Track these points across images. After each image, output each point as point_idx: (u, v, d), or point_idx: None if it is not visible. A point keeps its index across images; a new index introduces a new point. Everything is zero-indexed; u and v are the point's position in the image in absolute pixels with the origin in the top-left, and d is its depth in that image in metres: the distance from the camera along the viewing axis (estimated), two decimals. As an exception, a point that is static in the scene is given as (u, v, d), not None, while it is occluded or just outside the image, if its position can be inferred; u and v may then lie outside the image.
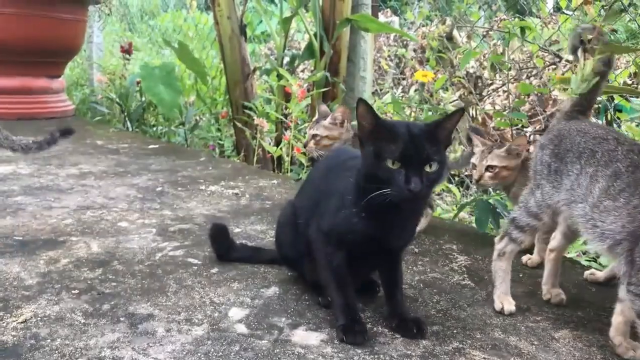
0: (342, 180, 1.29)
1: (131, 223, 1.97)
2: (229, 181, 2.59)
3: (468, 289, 1.55)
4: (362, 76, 3.94)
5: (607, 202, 1.15)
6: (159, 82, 3.44)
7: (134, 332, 1.24)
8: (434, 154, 1.16)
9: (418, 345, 1.24)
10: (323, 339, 1.25)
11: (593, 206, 1.19)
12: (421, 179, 1.14)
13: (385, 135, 1.17)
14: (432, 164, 1.16)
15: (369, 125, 1.18)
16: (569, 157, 1.29)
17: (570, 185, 1.26)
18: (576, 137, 1.30)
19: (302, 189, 1.51)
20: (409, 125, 1.19)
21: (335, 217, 1.27)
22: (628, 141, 1.23)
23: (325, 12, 3.67)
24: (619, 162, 1.17)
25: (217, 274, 1.57)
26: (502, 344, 1.26)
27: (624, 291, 1.15)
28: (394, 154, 1.15)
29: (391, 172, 1.15)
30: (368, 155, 1.19)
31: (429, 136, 1.17)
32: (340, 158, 1.41)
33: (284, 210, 1.52)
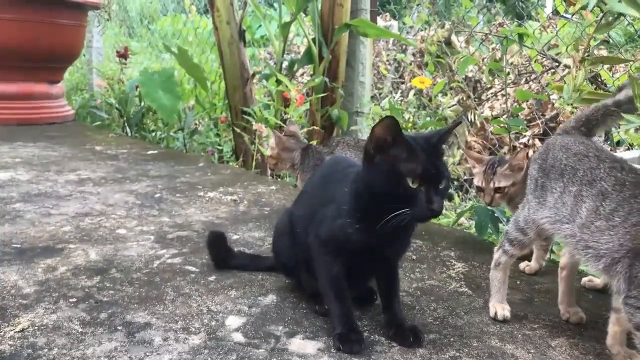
0: (339, 189, 1.29)
1: (129, 230, 1.97)
2: (228, 187, 2.59)
3: (465, 297, 1.55)
4: (361, 81, 3.95)
5: (599, 223, 1.14)
6: (159, 88, 3.44)
7: (131, 341, 1.25)
8: (445, 169, 1.16)
9: (415, 354, 1.24)
10: (320, 347, 1.25)
11: (582, 227, 1.17)
12: (441, 197, 1.14)
13: (403, 152, 1.14)
14: (444, 180, 1.16)
15: (388, 140, 1.14)
16: (552, 174, 1.28)
17: (553, 203, 1.25)
18: (559, 153, 1.28)
19: (300, 198, 1.51)
20: (422, 138, 1.18)
21: (332, 226, 1.27)
22: (610, 157, 1.21)
23: (324, 17, 3.68)
24: (604, 181, 1.16)
25: (214, 282, 1.57)
26: (498, 352, 1.26)
27: (619, 301, 1.15)
28: (416, 173, 1.12)
29: (411, 192, 1.13)
30: (380, 172, 1.16)
31: (437, 149, 1.18)
32: (338, 167, 1.41)
33: (281, 218, 1.53)
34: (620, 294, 1.11)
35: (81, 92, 6.03)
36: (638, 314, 1.07)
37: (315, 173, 1.59)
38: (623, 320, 1.17)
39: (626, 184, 1.14)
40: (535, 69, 3.44)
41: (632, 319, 1.08)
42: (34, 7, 3.86)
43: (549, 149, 1.33)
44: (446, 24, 4.26)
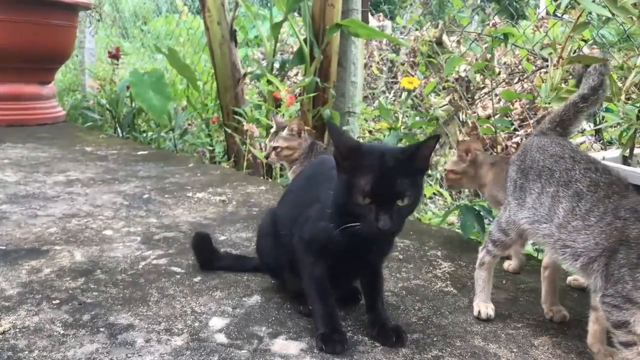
0: (324, 190, 1.28)
1: (116, 231, 1.96)
2: (217, 188, 2.58)
3: (450, 296, 1.55)
4: (352, 81, 3.95)
5: (576, 223, 1.15)
6: (149, 88, 3.44)
7: (113, 343, 1.24)
8: (406, 187, 1.12)
9: (397, 353, 1.24)
10: (303, 348, 1.25)
11: (559, 227, 1.18)
12: (391, 216, 1.11)
13: (356, 165, 1.13)
14: (405, 198, 1.13)
15: (342, 149, 1.15)
16: (530, 175, 1.29)
17: (532, 203, 1.26)
18: (536, 154, 1.29)
19: (284, 198, 1.51)
20: (383, 154, 1.14)
21: (315, 227, 1.27)
22: (584, 158, 1.22)
23: (315, 17, 3.68)
24: (579, 182, 1.18)
25: (199, 283, 1.57)
26: (481, 351, 1.26)
27: (597, 300, 1.16)
28: (364, 189, 1.11)
29: (360, 207, 1.12)
30: (339, 183, 1.17)
31: (404, 166, 1.13)
32: (323, 168, 1.39)
33: (264, 219, 1.52)
34: (598, 292, 1.12)
35: (73, 93, 6.01)
36: (615, 312, 1.07)
37: (300, 173, 1.59)
38: (602, 318, 1.18)
39: (600, 185, 1.15)
40: (526, 69, 3.44)
41: (609, 317, 1.09)
42: (24, 7, 3.84)
43: (527, 150, 1.33)
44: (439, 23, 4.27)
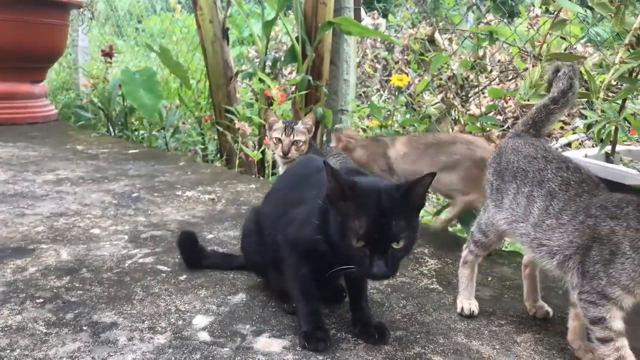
0: (309, 193, 1.26)
1: (103, 230, 1.96)
2: (207, 186, 2.58)
3: (435, 293, 1.55)
4: (345, 79, 3.95)
5: (550, 221, 1.17)
6: (140, 87, 3.43)
7: (95, 342, 1.24)
8: (402, 229, 1.08)
9: (380, 351, 1.24)
10: (286, 345, 1.25)
11: (535, 226, 1.20)
12: (386, 261, 1.07)
13: (351, 205, 1.09)
14: (400, 241, 1.09)
15: (336, 188, 1.11)
16: (506, 176, 1.30)
17: (509, 204, 1.27)
18: (510, 156, 1.31)
19: (269, 197, 1.51)
20: (378, 193, 1.09)
21: (300, 233, 1.26)
22: (556, 158, 1.24)
23: (307, 15, 3.67)
24: (551, 181, 1.19)
25: (185, 281, 1.57)
26: (464, 348, 1.27)
27: (575, 298, 1.17)
28: (358, 233, 1.07)
29: (354, 251, 1.08)
30: (334, 224, 1.12)
31: (399, 205, 1.09)
32: (308, 169, 1.38)
33: (248, 217, 1.52)
34: (574, 289, 1.12)
35: (67, 92, 6.00)
36: (591, 308, 1.08)
37: (286, 171, 1.58)
38: (581, 315, 1.18)
39: (571, 183, 1.17)
40: (518, 67, 3.45)
41: (586, 313, 1.09)
42: (14, 6, 3.82)
43: (502, 152, 1.35)
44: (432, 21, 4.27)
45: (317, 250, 1.21)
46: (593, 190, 1.15)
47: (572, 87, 1.23)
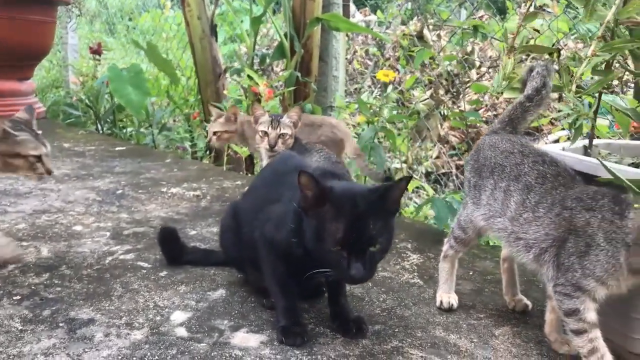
0: (285, 197, 1.24)
1: (86, 227, 1.95)
2: (192, 183, 2.57)
3: (416, 287, 1.55)
4: (334, 75, 3.94)
5: (526, 215, 1.17)
6: (127, 84, 3.41)
7: (71, 338, 1.23)
8: (379, 232, 1.08)
9: (357, 345, 1.24)
10: (263, 340, 1.25)
11: (512, 220, 1.20)
12: (364, 264, 1.07)
13: (328, 210, 1.09)
14: (377, 244, 1.09)
15: (313, 195, 1.10)
16: (484, 172, 1.31)
17: (486, 200, 1.28)
18: (488, 152, 1.32)
19: (248, 193, 1.50)
20: (354, 197, 1.09)
21: (276, 234, 1.25)
22: (533, 152, 1.25)
23: (295, 11, 3.66)
24: (528, 175, 1.20)
25: (165, 277, 1.56)
26: (441, 342, 1.27)
27: (551, 290, 1.17)
28: (336, 237, 1.07)
29: (332, 255, 1.08)
30: (309, 229, 1.12)
31: (375, 209, 1.09)
32: (286, 167, 1.38)
33: (226, 214, 1.51)
34: (550, 282, 1.13)
35: (57, 90, 5.96)
36: (566, 300, 1.08)
37: (265, 168, 1.57)
38: (556, 307, 1.19)
39: (547, 177, 1.17)
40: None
41: (561, 306, 1.10)
42: (1, 2, 3.79)
43: (479, 149, 1.36)
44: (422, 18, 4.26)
45: (292, 253, 1.20)
46: (569, 183, 1.15)
47: (545, 85, 1.25)
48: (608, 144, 1.47)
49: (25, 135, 1.56)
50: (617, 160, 1.34)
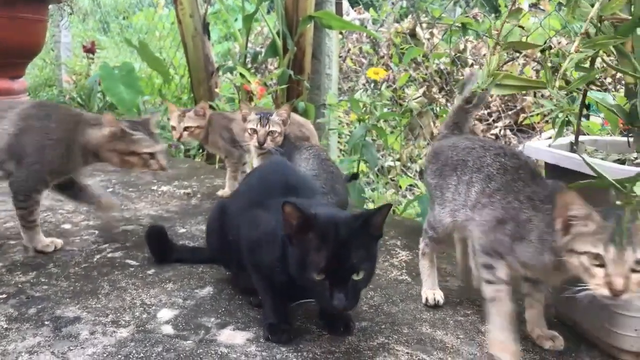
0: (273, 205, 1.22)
1: (75, 225, 1.94)
2: (183, 181, 2.57)
3: (404, 284, 1.56)
4: (327, 73, 3.94)
5: (484, 200, 1.23)
6: (119, 82, 3.40)
7: (56, 336, 1.23)
8: (362, 260, 1.08)
9: (344, 341, 1.24)
10: (249, 337, 1.25)
11: (472, 207, 1.26)
12: (346, 293, 1.06)
13: (310, 239, 1.09)
14: (360, 272, 1.08)
15: (297, 224, 1.10)
16: (446, 172, 1.36)
17: (451, 196, 1.33)
18: (448, 152, 1.38)
19: (235, 197, 1.46)
20: (336, 225, 1.09)
21: (262, 259, 1.24)
22: (493, 146, 1.31)
23: (288, 9, 3.66)
24: (490, 166, 1.26)
25: (152, 275, 1.56)
26: (427, 338, 1.27)
27: (526, 286, 1.25)
28: (319, 266, 1.06)
29: (315, 284, 1.08)
30: (293, 257, 1.12)
31: (358, 236, 1.09)
32: (276, 177, 1.37)
33: (213, 215, 1.49)
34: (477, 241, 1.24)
35: (50, 88, 5.94)
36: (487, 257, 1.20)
37: (254, 173, 1.52)
38: (536, 303, 1.24)
39: (508, 168, 1.23)
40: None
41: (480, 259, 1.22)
42: (-9, 1, 3.77)
43: (438, 152, 1.42)
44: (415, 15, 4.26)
45: (278, 279, 1.21)
46: (528, 178, 1.19)
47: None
48: (595, 141, 1.48)
49: (140, 135, 1.68)
50: (603, 157, 1.34)
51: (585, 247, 0.98)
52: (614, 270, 0.94)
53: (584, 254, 0.98)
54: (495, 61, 1.07)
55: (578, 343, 1.26)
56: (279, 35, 3.59)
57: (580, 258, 0.99)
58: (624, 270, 0.94)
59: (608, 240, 0.95)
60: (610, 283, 0.94)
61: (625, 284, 0.94)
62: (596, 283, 0.96)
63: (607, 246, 0.95)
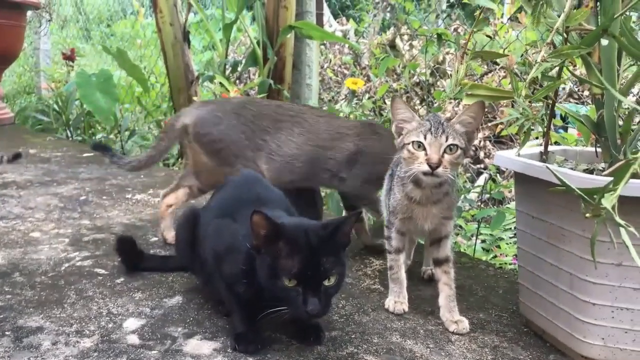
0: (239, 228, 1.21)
1: (44, 233, 1.90)
2: (159, 189, 2.53)
3: (376, 293, 1.55)
4: (307, 83, 3.93)
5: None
6: (96, 89, 3.36)
7: (16, 347, 1.19)
8: (333, 265, 1.09)
9: (312, 351, 1.23)
10: (216, 347, 1.22)
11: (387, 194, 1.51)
12: (319, 298, 1.08)
13: (281, 246, 1.09)
14: (331, 277, 1.10)
15: (266, 233, 1.10)
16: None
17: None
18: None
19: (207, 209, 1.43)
20: (306, 232, 1.11)
21: (228, 268, 1.23)
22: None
23: (268, 19, 3.67)
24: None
25: (121, 284, 1.52)
26: (397, 347, 1.26)
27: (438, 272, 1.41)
28: (291, 272, 1.07)
29: (287, 291, 1.08)
30: (262, 266, 1.11)
31: (327, 243, 1.11)
32: (246, 189, 1.36)
33: (181, 222, 1.46)
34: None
35: (28, 96, 5.86)
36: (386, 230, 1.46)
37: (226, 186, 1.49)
38: (445, 287, 1.38)
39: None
40: (475, 71, 3.50)
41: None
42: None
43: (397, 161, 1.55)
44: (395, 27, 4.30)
45: (245, 293, 1.20)
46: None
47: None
48: (564, 151, 1.49)
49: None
50: (572, 167, 1.35)
51: (411, 139, 1.28)
52: (430, 150, 1.25)
53: (410, 144, 1.28)
54: (463, 70, 1.08)
55: (547, 352, 1.26)
56: (259, 45, 3.60)
57: (408, 147, 1.28)
58: (438, 150, 1.25)
59: (427, 130, 1.26)
60: (429, 159, 1.25)
61: (439, 159, 1.24)
62: (419, 162, 1.26)
63: (427, 134, 1.26)
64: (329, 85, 5.05)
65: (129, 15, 7.55)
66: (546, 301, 1.28)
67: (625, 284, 1.12)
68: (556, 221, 1.22)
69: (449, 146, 1.25)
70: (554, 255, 1.24)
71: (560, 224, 1.21)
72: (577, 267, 1.17)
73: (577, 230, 1.16)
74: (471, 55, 1.09)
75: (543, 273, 1.29)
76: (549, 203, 1.24)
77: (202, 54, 5.97)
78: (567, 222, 1.19)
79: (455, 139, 1.26)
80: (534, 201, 1.31)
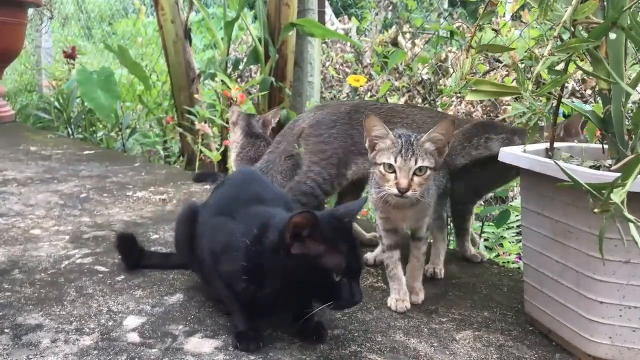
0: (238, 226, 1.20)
1: (44, 230, 1.89)
2: (159, 187, 2.52)
3: (380, 291, 1.53)
4: (309, 81, 3.92)
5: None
6: (97, 87, 3.35)
7: (15, 344, 1.18)
8: (361, 254, 1.17)
9: (315, 350, 1.21)
10: (217, 346, 1.21)
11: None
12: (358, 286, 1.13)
13: (324, 244, 1.10)
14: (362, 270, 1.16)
15: (307, 230, 1.09)
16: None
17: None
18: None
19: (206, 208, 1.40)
20: (341, 223, 1.15)
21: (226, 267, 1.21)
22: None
23: (270, 16, 3.65)
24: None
25: (121, 282, 1.51)
26: (401, 346, 1.24)
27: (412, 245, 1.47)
28: (341, 267, 1.09)
29: (334, 286, 1.09)
30: (299, 265, 1.09)
31: (352, 230, 1.19)
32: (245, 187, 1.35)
33: (180, 218, 1.45)
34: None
35: (30, 94, 5.86)
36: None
37: (226, 184, 1.48)
38: (414, 259, 1.46)
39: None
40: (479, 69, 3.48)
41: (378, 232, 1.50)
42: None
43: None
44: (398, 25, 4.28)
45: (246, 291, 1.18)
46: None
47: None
48: (570, 147, 1.47)
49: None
50: (579, 163, 1.34)
51: (383, 159, 1.29)
52: (400, 175, 1.27)
53: (381, 165, 1.29)
54: (468, 64, 1.06)
55: (553, 351, 1.25)
56: (261, 43, 3.58)
57: (379, 168, 1.30)
58: (407, 175, 1.26)
59: (398, 153, 1.27)
60: (398, 184, 1.27)
61: (409, 183, 1.27)
62: (389, 185, 1.28)
63: (397, 157, 1.27)
64: (331, 83, 5.03)
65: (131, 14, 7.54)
66: (552, 299, 1.26)
67: (634, 281, 1.10)
68: (563, 218, 1.20)
69: (418, 168, 1.28)
70: (560, 252, 1.22)
71: (566, 221, 1.19)
72: (583, 265, 1.15)
73: (584, 227, 1.14)
74: (477, 48, 1.07)
75: (549, 271, 1.27)
76: (556, 200, 1.22)
77: (203, 52, 5.95)
78: (574, 219, 1.17)
79: (425, 160, 1.28)
80: (540, 198, 1.29)
